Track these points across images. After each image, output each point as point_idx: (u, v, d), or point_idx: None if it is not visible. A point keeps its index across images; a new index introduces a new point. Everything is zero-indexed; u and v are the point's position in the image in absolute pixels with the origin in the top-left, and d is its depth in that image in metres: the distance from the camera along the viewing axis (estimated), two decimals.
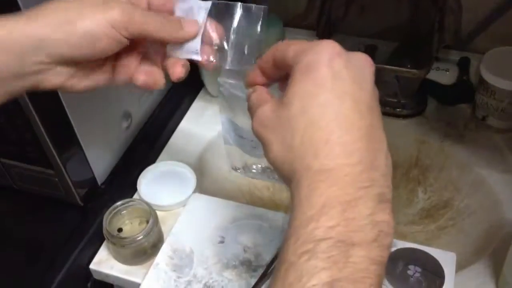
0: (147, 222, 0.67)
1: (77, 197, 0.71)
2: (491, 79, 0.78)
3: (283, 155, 0.38)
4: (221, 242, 0.68)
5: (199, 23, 0.47)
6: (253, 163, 0.64)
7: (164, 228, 0.71)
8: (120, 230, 0.69)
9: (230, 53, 0.48)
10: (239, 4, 0.47)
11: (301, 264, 0.33)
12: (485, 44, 0.85)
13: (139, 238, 0.65)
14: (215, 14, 0.48)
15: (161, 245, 0.68)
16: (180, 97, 0.90)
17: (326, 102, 0.37)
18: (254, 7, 0.47)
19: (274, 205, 0.83)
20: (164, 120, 0.87)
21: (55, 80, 0.46)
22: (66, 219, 0.72)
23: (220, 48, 0.48)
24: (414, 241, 0.66)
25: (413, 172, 0.84)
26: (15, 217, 0.73)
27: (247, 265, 0.66)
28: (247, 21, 0.47)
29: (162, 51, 0.49)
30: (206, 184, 0.80)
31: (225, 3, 0.48)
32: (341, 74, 0.37)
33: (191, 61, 0.49)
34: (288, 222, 0.36)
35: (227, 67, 0.49)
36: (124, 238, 0.66)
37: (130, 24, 0.44)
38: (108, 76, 0.49)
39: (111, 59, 0.48)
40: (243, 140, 0.56)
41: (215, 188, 0.82)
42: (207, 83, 0.90)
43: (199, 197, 0.74)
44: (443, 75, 0.88)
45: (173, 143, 0.85)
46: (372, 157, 0.36)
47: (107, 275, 0.69)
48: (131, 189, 0.76)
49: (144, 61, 0.49)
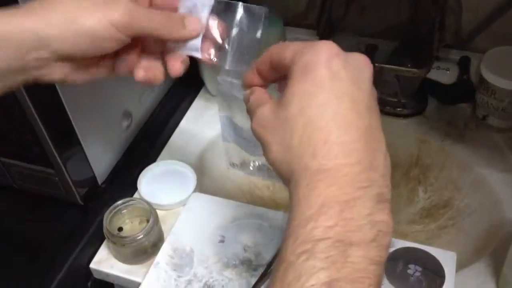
0: (148, 221, 0.67)
1: (78, 196, 0.71)
2: (491, 78, 0.78)
3: (282, 155, 0.38)
4: (222, 241, 0.68)
5: (202, 21, 0.47)
6: (250, 160, 0.64)
7: (165, 227, 0.71)
8: (120, 229, 0.69)
9: (230, 53, 0.48)
10: (240, 4, 0.47)
11: (300, 264, 0.33)
12: (485, 43, 0.85)
13: (140, 237, 0.65)
14: (216, 12, 0.48)
15: (162, 244, 0.68)
16: (180, 96, 0.90)
17: (325, 102, 0.37)
18: (255, 8, 0.47)
19: (275, 204, 0.83)
20: (165, 119, 0.86)
21: (55, 74, 0.46)
22: (66, 218, 0.72)
23: (220, 47, 0.48)
24: (415, 241, 0.66)
25: (413, 171, 0.84)
26: (15, 216, 0.73)
27: (248, 264, 0.66)
28: (248, 22, 0.47)
29: (162, 45, 0.49)
30: (207, 183, 0.80)
31: (227, 2, 0.47)
32: (339, 74, 0.37)
33: (191, 58, 0.49)
34: (287, 221, 0.36)
35: (227, 67, 0.48)
36: (125, 237, 0.66)
37: (132, 24, 0.44)
38: (108, 70, 0.49)
39: (112, 54, 0.48)
40: (241, 138, 0.57)
41: (215, 187, 0.81)
42: (207, 82, 0.90)
43: (200, 196, 0.74)
44: (444, 74, 0.88)
45: (174, 142, 0.85)
46: (370, 157, 0.36)
47: (107, 274, 0.69)
48: (131, 188, 0.76)
49: (144, 54, 0.49)
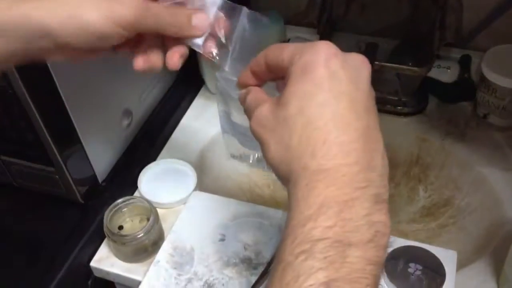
0: (148, 219, 0.67)
1: (78, 195, 0.71)
2: (492, 77, 0.78)
3: (281, 155, 0.38)
4: (222, 240, 0.68)
5: (210, 19, 0.46)
6: (250, 152, 0.64)
7: (165, 225, 0.71)
8: (120, 227, 0.70)
9: (232, 55, 0.48)
10: (245, 9, 0.47)
11: (298, 264, 0.33)
12: (486, 42, 0.85)
13: (140, 235, 0.65)
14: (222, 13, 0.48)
15: (162, 243, 0.68)
16: (180, 95, 0.90)
17: (324, 102, 0.37)
18: (258, 15, 0.47)
19: (275, 203, 0.83)
20: (165, 117, 0.86)
21: (55, 57, 0.46)
22: (66, 217, 0.72)
23: (223, 45, 0.48)
24: (415, 239, 0.66)
25: (414, 170, 0.84)
26: (15, 214, 0.73)
27: (248, 263, 0.66)
28: (250, 27, 0.47)
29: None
30: (207, 182, 0.80)
31: (232, 4, 0.47)
32: (338, 74, 0.37)
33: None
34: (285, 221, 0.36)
35: (227, 69, 0.48)
36: (125, 235, 0.66)
37: (138, 23, 0.43)
38: (109, 52, 0.48)
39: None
40: (239, 134, 0.57)
41: (215, 186, 0.81)
42: (208, 80, 0.90)
43: (200, 195, 0.74)
44: (444, 73, 0.87)
45: (174, 140, 0.85)
46: (369, 157, 0.36)
47: (107, 272, 0.69)
48: (131, 186, 0.76)
49: (144, 43, 0.48)
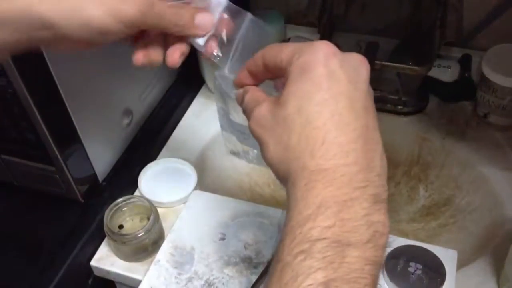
0: (148, 219, 0.67)
1: (78, 194, 0.71)
2: (492, 76, 0.78)
3: (280, 155, 0.38)
4: (222, 239, 0.68)
5: (214, 19, 0.46)
6: (249, 149, 0.64)
7: (165, 225, 0.71)
8: (121, 227, 0.69)
9: (232, 59, 0.48)
10: (249, 14, 0.47)
11: (297, 264, 0.33)
12: (487, 41, 0.85)
13: (140, 235, 0.65)
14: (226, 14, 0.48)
15: (162, 242, 0.68)
16: (181, 94, 0.90)
17: (323, 101, 0.36)
18: (261, 23, 0.47)
19: (275, 202, 0.83)
20: (165, 117, 0.86)
21: (56, 48, 0.46)
22: (67, 216, 0.72)
23: (224, 46, 0.48)
24: (415, 239, 0.66)
25: (414, 169, 0.84)
26: (15, 214, 0.73)
27: (248, 262, 0.66)
28: (253, 33, 0.47)
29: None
30: (207, 181, 0.80)
31: (237, 8, 0.47)
32: (336, 74, 0.37)
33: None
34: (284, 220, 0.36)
35: (226, 70, 0.48)
36: (125, 235, 0.66)
37: (141, 22, 0.43)
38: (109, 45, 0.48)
39: None
40: (236, 131, 0.57)
41: (216, 185, 0.81)
42: (208, 79, 0.90)
43: (200, 194, 0.74)
44: (445, 72, 0.87)
45: (174, 140, 0.85)
46: (367, 157, 0.36)
47: (108, 271, 0.69)
48: (132, 186, 0.76)
49: (144, 37, 0.47)
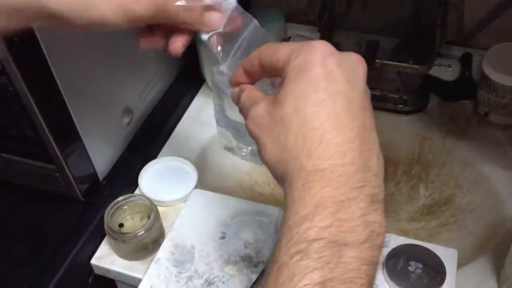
0: (148, 217, 0.67)
1: (78, 193, 0.71)
2: (493, 75, 0.78)
3: (277, 155, 0.38)
4: (222, 237, 0.68)
5: (224, 18, 0.46)
6: (243, 145, 0.64)
7: (165, 223, 0.71)
8: (121, 225, 0.70)
9: (232, 58, 0.48)
10: (256, 21, 0.47)
11: (293, 264, 0.33)
12: (487, 40, 0.85)
13: (140, 233, 0.65)
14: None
15: (162, 241, 0.68)
16: (181, 93, 0.90)
17: (320, 102, 0.36)
18: (265, 31, 0.47)
19: (275, 200, 0.83)
20: (165, 115, 0.86)
21: (57, 31, 0.45)
22: (67, 215, 0.72)
23: (227, 44, 0.48)
24: (416, 238, 0.66)
25: (414, 168, 0.84)
26: (16, 212, 0.73)
27: (248, 261, 0.66)
28: (255, 39, 0.47)
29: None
30: (207, 179, 0.80)
31: (245, 12, 0.47)
32: (334, 74, 0.37)
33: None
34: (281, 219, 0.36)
35: (225, 69, 0.48)
36: (125, 233, 0.66)
37: (150, 19, 0.42)
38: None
39: None
40: (232, 128, 0.57)
41: (216, 183, 0.81)
42: (208, 78, 0.90)
43: (200, 192, 0.74)
44: (445, 71, 0.87)
45: (174, 138, 0.85)
46: (364, 158, 0.36)
47: (108, 270, 0.69)
48: (132, 184, 0.76)
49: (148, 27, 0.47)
